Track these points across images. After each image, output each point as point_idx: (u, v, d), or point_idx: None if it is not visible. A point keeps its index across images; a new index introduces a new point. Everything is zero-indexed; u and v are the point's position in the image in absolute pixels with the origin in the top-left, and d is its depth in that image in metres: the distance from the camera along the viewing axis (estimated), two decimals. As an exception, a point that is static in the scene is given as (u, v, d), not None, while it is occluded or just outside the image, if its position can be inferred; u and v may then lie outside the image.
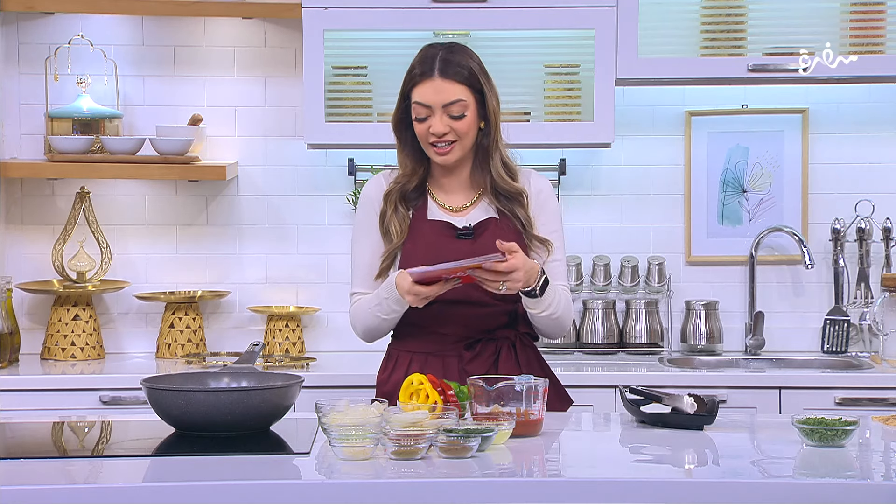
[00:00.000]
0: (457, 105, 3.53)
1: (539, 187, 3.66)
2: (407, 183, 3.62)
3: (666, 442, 3.16)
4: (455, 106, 3.53)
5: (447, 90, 3.53)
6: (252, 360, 3.53)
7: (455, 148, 3.55)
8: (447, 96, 3.53)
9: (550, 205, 3.66)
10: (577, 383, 4.23)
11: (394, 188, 3.61)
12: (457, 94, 3.53)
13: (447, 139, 3.54)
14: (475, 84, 3.56)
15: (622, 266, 5.01)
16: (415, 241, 3.58)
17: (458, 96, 3.53)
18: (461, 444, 2.91)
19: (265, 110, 5.04)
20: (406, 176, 3.63)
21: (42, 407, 4.34)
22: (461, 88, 3.54)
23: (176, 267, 5.04)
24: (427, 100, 3.53)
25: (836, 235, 4.99)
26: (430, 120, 3.54)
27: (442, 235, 3.58)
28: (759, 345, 4.97)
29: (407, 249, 3.58)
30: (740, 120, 5.04)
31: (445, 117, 3.53)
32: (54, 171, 4.82)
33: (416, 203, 3.62)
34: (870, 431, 3.30)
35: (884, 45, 4.73)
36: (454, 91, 3.53)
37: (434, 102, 3.53)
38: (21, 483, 2.77)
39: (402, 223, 3.58)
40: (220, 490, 2.74)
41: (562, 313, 3.56)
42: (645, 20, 4.72)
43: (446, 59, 3.55)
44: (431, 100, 3.53)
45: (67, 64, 4.93)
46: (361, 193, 3.70)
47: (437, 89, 3.53)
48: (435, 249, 3.55)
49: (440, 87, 3.53)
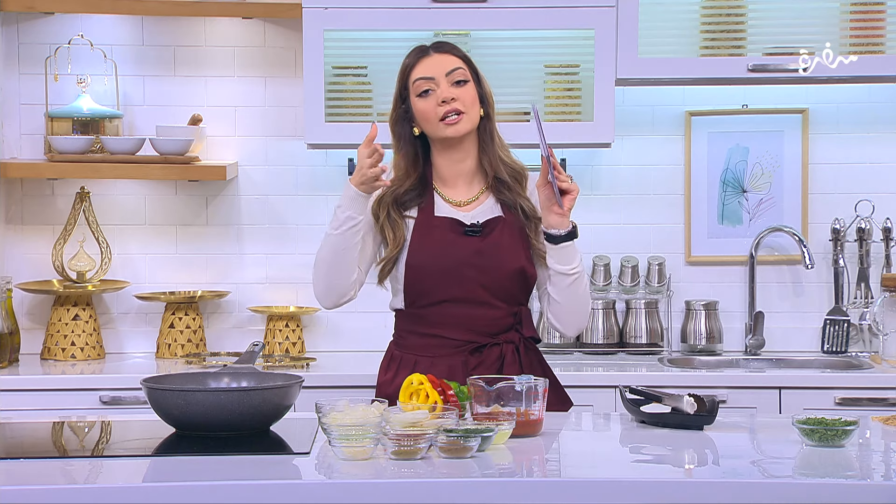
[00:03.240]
0: (458, 72, 3.59)
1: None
2: (399, 187, 3.62)
3: (666, 442, 3.16)
4: (456, 73, 3.58)
5: (446, 60, 3.61)
6: (252, 360, 3.53)
7: (463, 119, 3.58)
8: (448, 65, 3.59)
9: None
10: (577, 383, 4.23)
11: (387, 193, 3.61)
12: (455, 63, 3.60)
13: (455, 108, 3.56)
14: (470, 64, 3.64)
15: (622, 266, 5.01)
16: (422, 236, 3.58)
17: (457, 65, 3.60)
18: (461, 444, 2.91)
19: (265, 110, 5.04)
20: (399, 179, 3.63)
21: (42, 407, 4.34)
22: (459, 60, 3.62)
23: (176, 267, 5.04)
24: (429, 72, 3.58)
25: (836, 235, 4.99)
26: (434, 93, 3.57)
27: (450, 231, 3.58)
28: (759, 345, 4.97)
29: (414, 245, 3.58)
30: (740, 120, 5.04)
31: (450, 86, 3.57)
32: (54, 171, 4.82)
33: (421, 202, 3.62)
34: (870, 431, 3.30)
35: (884, 45, 4.73)
36: (452, 60, 3.61)
37: (436, 72, 3.58)
38: (21, 483, 2.77)
39: (397, 229, 3.58)
40: (220, 490, 2.74)
41: (586, 285, 3.57)
42: (645, 20, 4.72)
43: (438, 42, 3.67)
44: (433, 70, 3.58)
45: (67, 64, 4.93)
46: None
47: (436, 60, 3.61)
48: (443, 245, 3.55)
49: (438, 58, 3.61)
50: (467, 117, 3.58)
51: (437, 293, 3.56)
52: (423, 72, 3.59)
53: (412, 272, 3.55)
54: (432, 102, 3.57)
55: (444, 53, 3.62)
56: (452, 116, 3.56)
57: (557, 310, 3.58)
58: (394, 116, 3.65)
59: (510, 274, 3.56)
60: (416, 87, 3.58)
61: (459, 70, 3.59)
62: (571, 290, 3.54)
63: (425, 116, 3.58)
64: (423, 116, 3.59)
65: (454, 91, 3.57)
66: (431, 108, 3.57)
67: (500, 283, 3.56)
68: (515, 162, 3.68)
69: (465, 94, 3.57)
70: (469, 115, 3.58)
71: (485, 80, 3.65)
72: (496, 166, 3.63)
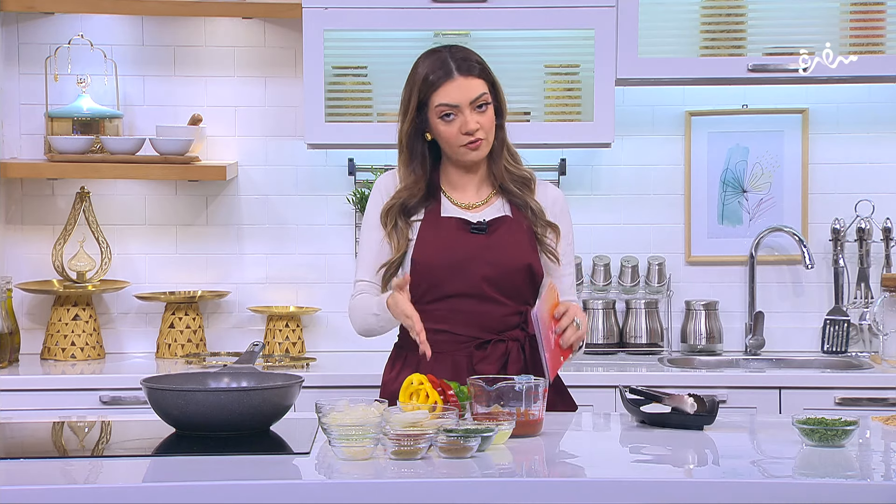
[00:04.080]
0: (481, 98, 3.56)
1: (554, 198, 3.69)
2: (409, 197, 3.61)
3: (666, 442, 3.16)
4: (480, 100, 3.55)
5: (471, 86, 3.55)
6: (252, 360, 3.53)
7: (483, 144, 3.57)
8: (473, 92, 3.55)
9: (565, 220, 3.69)
10: (577, 383, 4.22)
11: (395, 203, 3.61)
12: (480, 89, 3.56)
13: (479, 136, 3.55)
14: (489, 77, 3.60)
15: (622, 266, 5.01)
16: (429, 233, 3.58)
17: (481, 90, 3.56)
18: (461, 444, 2.91)
19: (265, 110, 5.04)
20: (408, 189, 3.62)
21: (42, 407, 4.34)
22: (480, 83, 3.57)
23: (176, 267, 5.04)
24: (454, 99, 3.54)
25: (836, 235, 4.99)
26: (457, 119, 3.54)
27: (456, 230, 3.58)
28: (759, 345, 4.97)
29: (420, 241, 3.58)
30: (740, 120, 5.04)
31: (474, 113, 3.54)
32: (54, 171, 4.82)
33: (428, 204, 3.62)
34: (870, 431, 3.30)
35: (884, 45, 4.73)
36: (477, 86, 3.56)
37: (461, 101, 3.54)
38: (21, 483, 2.77)
39: (401, 237, 3.58)
40: (220, 490, 2.74)
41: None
42: (645, 20, 4.72)
43: (459, 57, 3.57)
44: (458, 98, 3.54)
45: (67, 64, 4.93)
46: (374, 186, 3.70)
47: (461, 87, 3.55)
48: (449, 241, 3.56)
49: (463, 84, 3.55)
50: (487, 142, 3.58)
51: (443, 288, 3.56)
52: (447, 98, 3.54)
53: (419, 267, 3.55)
54: (455, 128, 3.55)
55: (468, 77, 3.55)
56: (474, 143, 3.57)
57: None
58: (407, 129, 3.60)
59: (517, 270, 3.57)
60: (439, 110, 3.55)
61: (483, 97, 3.55)
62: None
63: (447, 140, 3.57)
64: (445, 139, 3.58)
65: (477, 118, 3.54)
66: (454, 134, 3.55)
67: (506, 278, 3.57)
68: (523, 170, 3.66)
69: (486, 120, 3.56)
70: (489, 140, 3.58)
71: (500, 88, 3.62)
72: (501, 177, 3.63)
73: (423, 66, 3.58)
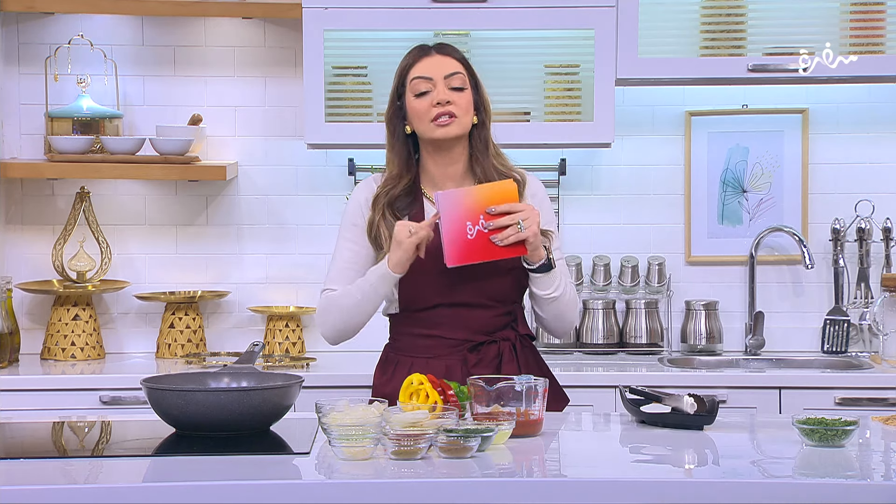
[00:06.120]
0: (457, 77, 3.58)
1: (534, 190, 3.69)
2: (394, 188, 3.61)
3: (666, 442, 3.16)
4: (455, 77, 3.58)
5: (446, 62, 3.60)
6: (252, 360, 3.53)
7: (454, 122, 3.57)
8: (447, 68, 3.59)
9: (546, 204, 3.69)
10: (576, 383, 4.23)
11: (381, 193, 3.62)
12: (455, 67, 3.60)
13: (449, 111, 3.55)
14: (469, 69, 3.63)
15: (622, 266, 5.01)
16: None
17: (456, 69, 3.60)
18: (461, 444, 2.91)
19: (265, 110, 5.04)
20: (393, 179, 3.63)
21: (42, 407, 4.34)
22: (458, 64, 3.62)
23: (176, 267, 5.04)
24: (428, 72, 3.58)
25: (836, 235, 4.99)
26: (430, 94, 3.57)
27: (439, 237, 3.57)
28: (759, 345, 4.97)
29: None
30: (740, 120, 5.04)
31: (447, 89, 3.57)
32: (54, 171, 4.82)
33: (411, 210, 3.62)
34: (870, 431, 3.30)
35: (884, 45, 4.73)
36: (453, 64, 3.61)
37: (435, 74, 3.58)
38: (21, 483, 2.77)
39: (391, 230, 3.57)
40: (220, 490, 2.74)
41: (569, 300, 3.58)
42: (645, 20, 4.72)
43: (440, 43, 3.66)
44: (432, 72, 3.58)
45: (67, 64, 4.93)
46: (351, 196, 3.71)
47: (436, 62, 3.60)
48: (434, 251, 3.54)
49: (439, 60, 3.61)
50: (458, 122, 3.57)
51: (431, 298, 3.57)
52: (422, 71, 3.59)
53: (405, 279, 3.54)
54: (427, 102, 3.57)
55: (445, 55, 3.61)
56: (444, 118, 3.56)
57: (542, 322, 3.66)
58: (389, 113, 3.65)
59: (503, 275, 3.56)
60: (414, 85, 3.58)
61: (458, 75, 3.59)
62: (551, 308, 3.58)
63: (418, 115, 3.58)
64: (416, 115, 3.58)
65: (450, 95, 3.57)
66: (425, 108, 3.57)
67: (493, 284, 3.57)
68: (511, 169, 3.66)
69: (460, 99, 3.57)
70: (461, 121, 3.58)
71: (483, 87, 3.65)
72: (490, 175, 3.62)
73: (406, 55, 3.66)
